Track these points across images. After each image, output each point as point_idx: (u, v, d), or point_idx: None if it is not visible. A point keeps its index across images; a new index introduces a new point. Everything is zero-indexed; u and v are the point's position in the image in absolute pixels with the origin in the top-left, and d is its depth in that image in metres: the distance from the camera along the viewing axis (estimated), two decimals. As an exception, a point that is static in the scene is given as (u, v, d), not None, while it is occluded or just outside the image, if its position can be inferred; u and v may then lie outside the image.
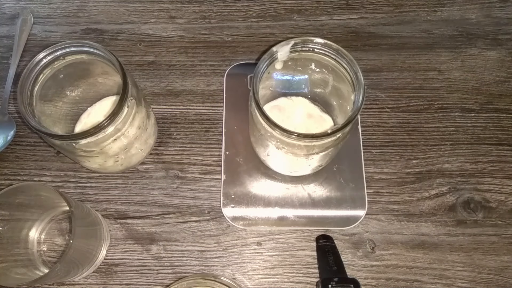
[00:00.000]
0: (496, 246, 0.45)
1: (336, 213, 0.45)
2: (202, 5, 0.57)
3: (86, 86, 0.45)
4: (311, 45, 0.38)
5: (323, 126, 0.45)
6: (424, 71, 0.53)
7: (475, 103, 0.51)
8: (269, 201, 0.46)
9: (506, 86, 0.52)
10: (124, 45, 0.54)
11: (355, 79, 0.37)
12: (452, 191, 0.47)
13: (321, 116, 0.45)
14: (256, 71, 0.37)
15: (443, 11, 0.56)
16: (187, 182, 0.48)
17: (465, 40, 0.54)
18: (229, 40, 0.55)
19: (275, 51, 0.37)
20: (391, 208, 0.46)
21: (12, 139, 0.49)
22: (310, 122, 0.45)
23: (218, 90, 0.52)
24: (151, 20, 0.56)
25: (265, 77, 0.40)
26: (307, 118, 0.45)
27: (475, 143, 0.49)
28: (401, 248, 0.45)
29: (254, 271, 0.44)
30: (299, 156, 0.40)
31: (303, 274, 0.44)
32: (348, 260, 0.44)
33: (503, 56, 0.53)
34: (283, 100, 0.46)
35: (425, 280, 0.44)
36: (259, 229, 0.46)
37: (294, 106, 0.46)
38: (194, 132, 0.50)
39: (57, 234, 0.45)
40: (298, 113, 0.46)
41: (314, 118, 0.45)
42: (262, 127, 0.38)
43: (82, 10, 0.57)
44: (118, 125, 0.38)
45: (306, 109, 0.46)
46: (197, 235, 0.46)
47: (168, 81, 0.52)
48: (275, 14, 0.56)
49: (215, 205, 0.47)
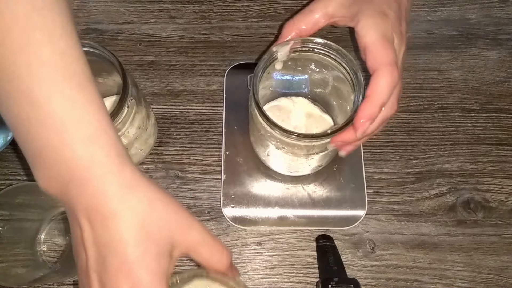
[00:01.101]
0: (496, 246, 0.45)
1: (336, 213, 0.45)
2: (202, 5, 0.57)
3: (86, 86, 0.45)
4: (311, 45, 0.38)
5: (323, 126, 0.45)
6: (424, 71, 0.53)
7: (475, 103, 0.51)
8: (269, 201, 0.46)
9: (506, 86, 0.52)
10: (124, 45, 0.54)
11: (355, 79, 0.37)
12: (452, 191, 0.47)
13: (321, 116, 0.45)
14: (256, 71, 0.37)
15: (443, 11, 0.56)
16: (187, 182, 0.48)
17: (465, 40, 0.54)
18: (229, 40, 0.55)
19: (275, 51, 0.37)
20: (391, 208, 0.46)
21: (12, 139, 0.49)
22: (310, 122, 0.45)
23: (218, 90, 0.52)
24: (151, 20, 0.56)
25: (265, 77, 0.40)
26: (307, 118, 0.45)
27: (475, 143, 0.49)
28: (401, 248, 0.45)
29: (254, 271, 0.44)
30: (299, 156, 0.40)
31: (303, 274, 0.44)
32: (348, 260, 0.44)
33: (503, 56, 0.53)
34: (283, 100, 0.46)
35: (425, 280, 0.44)
36: (259, 229, 0.46)
37: (294, 106, 0.46)
38: (194, 132, 0.50)
39: (57, 234, 0.45)
40: (298, 113, 0.46)
41: (314, 118, 0.45)
42: (262, 127, 0.38)
43: (82, 10, 0.56)
44: (118, 125, 0.38)
45: (306, 109, 0.46)
46: (197, 235, 0.45)
47: (168, 81, 0.53)
48: (275, 14, 0.56)
49: (215, 205, 0.47)
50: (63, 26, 0.26)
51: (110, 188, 0.26)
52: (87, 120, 0.26)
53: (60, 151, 0.26)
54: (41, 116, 0.25)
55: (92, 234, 0.26)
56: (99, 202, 0.26)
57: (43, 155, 0.26)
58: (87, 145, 0.26)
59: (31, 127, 0.26)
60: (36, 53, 0.25)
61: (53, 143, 0.25)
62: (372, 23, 0.34)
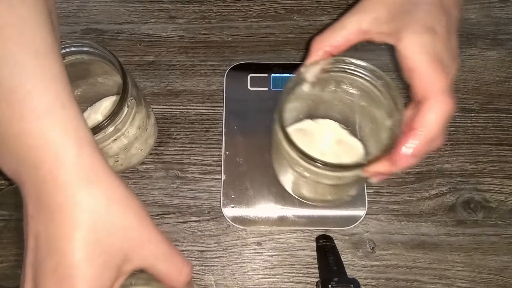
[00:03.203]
0: (496, 246, 0.45)
1: (336, 213, 0.45)
2: (202, 5, 0.57)
3: (86, 86, 0.45)
4: (343, 65, 0.35)
5: (353, 153, 0.42)
6: (424, 71, 0.53)
7: (475, 103, 0.51)
8: (269, 201, 0.46)
9: (506, 86, 0.52)
10: (124, 45, 0.54)
11: (394, 104, 0.33)
12: (452, 191, 0.47)
13: (351, 141, 0.42)
14: (282, 93, 0.34)
15: (443, 11, 0.56)
16: (187, 182, 0.48)
17: (465, 40, 0.54)
18: (229, 40, 0.55)
19: (303, 72, 0.34)
20: (391, 208, 0.46)
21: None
22: (339, 149, 0.42)
23: (218, 90, 0.52)
24: (151, 20, 0.56)
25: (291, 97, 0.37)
26: (335, 144, 0.42)
27: (475, 143, 0.49)
28: (401, 248, 0.45)
29: (254, 271, 0.44)
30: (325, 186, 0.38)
31: (303, 274, 0.44)
32: (348, 260, 0.44)
33: (503, 56, 0.53)
34: (308, 123, 0.43)
35: (425, 280, 0.44)
36: (259, 229, 0.46)
37: (320, 130, 0.43)
38: (194, 132, 0.50)
39: (57, 234, 0.45)
40: (325, 138, 0.43)
41: (343, 144, 0.42)
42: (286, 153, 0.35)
43: (82, 10, 0.56)
44: (118, 125, 0.38)
45: (333, 133, 0.43)
46: (197, 235, 0.46)
47: (168, 81, 0.53)
48: (275, 14, 0.56)
49: (215, 205, 0.47)
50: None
51: (63, 177, 0.22)
52: (41, 90, 0.23)
53: (9, 123, 0.22)
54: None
55: (36, 225, 0.23)
56: (48, 192, 0.22)
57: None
58: (39, 119, 0.22)
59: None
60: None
61: (2, 115, 0.23)
62: (419, 42, 0.30)
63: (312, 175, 0.35)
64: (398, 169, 0.31)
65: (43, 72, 0.23)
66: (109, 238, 0.23)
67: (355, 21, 0.33)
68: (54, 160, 0.22)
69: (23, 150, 0.23)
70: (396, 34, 0.31)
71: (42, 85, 0.23)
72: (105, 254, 0.23)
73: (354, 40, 0.33)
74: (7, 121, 0.22)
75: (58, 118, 0.23)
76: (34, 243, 0.23)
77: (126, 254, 0.24)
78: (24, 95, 0.22)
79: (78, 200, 0.22)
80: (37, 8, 0.24)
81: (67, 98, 0.23)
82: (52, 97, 0.23)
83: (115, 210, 0.23)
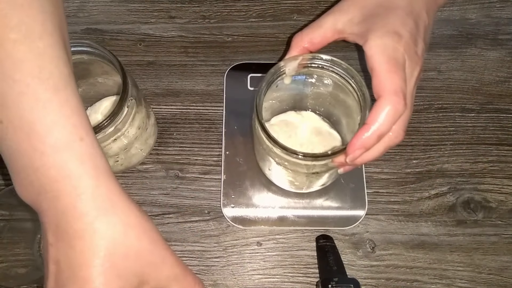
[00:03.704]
0: (496, 246, 0.45)
1: (336, 213, 0.45)
2: (202, 5, 0.57)
3: (86, 86, 0.45)
4: (320, 62, 0.36)
5: (331, 144, 0.44)
6: (424, 71, 0.53)
7: (475, 103, 0.51)
8: (269, 201, 0.46)
9: (506, 86, 0.52)
10: (124, 45, 0.54)
11: (362, 100, 0.35)
12: (452, 191, 0.47)
13: (330, 133, 0.44)
14: (260, 86, 0.35)
15: (443, 11, 0.56)
16: (187, 182, 0.48)
17: (465, 40, 0.54)
18: (229, 40, 0.55)
19: (282, 66, 0.36)
20: (391, 208, 0.46)
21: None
22: (317, 140, 0.44)
23: (218, 90, 0.52)
24: (151, 20, 0.56)
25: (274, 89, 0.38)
26: (315, 135, 0.44)
27: (475, 143, 0.49)
28: (401, 248, 0.45)
29: (254, 271, 0.44)
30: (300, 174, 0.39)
31: (303, 274, 0.44)
32: (348, 260, 0.44)
33: (503, 56, 0.53)
34: (292, 114, 0.45)
35: (425, 280, 0.44)
36: (259, 229, 0.46)
37: (302, 121, 0.45)
38: (194, 132, 0.50)
39: (57, 234, 0.45)
40: (306, 129, 0.44)
41: (322, 135, 0.44)
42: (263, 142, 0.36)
43: (82, 10, 0.56)
44: (118, 125, 0.38)
45: (314, 124, 0.44)
46: (197, 235, 0.46)
47: (168, 81, 0.53)
48: (275, 14, 0.56)
49: (215, 205, 0.47)
50: (43, 24, 0.25)
51: (82, 207, 0.24)
52: (61, 124, 0.24)
53: (30, 157, 0.24)
54: (11, 118, 0.24)
55: (57, 252, 0.24)
56: (68, 221, 0.24)
57: (16, 160, 0.24)
58: (59, 153, 0.24)
59: (3, 129, 0.24)
60: (10, 52, 0.24)
61: (24, 148, 0.24)
62: (381, 44, 0.32)
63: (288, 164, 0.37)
64: (351, 160, 0.33)
65: (62, 106, 0.24)
66: (125, 262, 0.24)
67: (331, 21, 0.35)
68: (73, 192, 0.24)
69: (44, 182, 0.24)
70: (364, 35, 0.33)
71: (61, 120, 0.24)
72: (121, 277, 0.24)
73: (330, 38, 0.35)
74: (29, 155, 0.24)
75: (77, 151, 0.24)
76: (55, 268, 0.24)
77: (141, 276, 0.25)
78: (45, 130, 0.24)
79: (96, 227, 0.24)
80: (54, 38, 0.25)
81: (84, 130, 0.25)
82: (70, 130, 0.24)
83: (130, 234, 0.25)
